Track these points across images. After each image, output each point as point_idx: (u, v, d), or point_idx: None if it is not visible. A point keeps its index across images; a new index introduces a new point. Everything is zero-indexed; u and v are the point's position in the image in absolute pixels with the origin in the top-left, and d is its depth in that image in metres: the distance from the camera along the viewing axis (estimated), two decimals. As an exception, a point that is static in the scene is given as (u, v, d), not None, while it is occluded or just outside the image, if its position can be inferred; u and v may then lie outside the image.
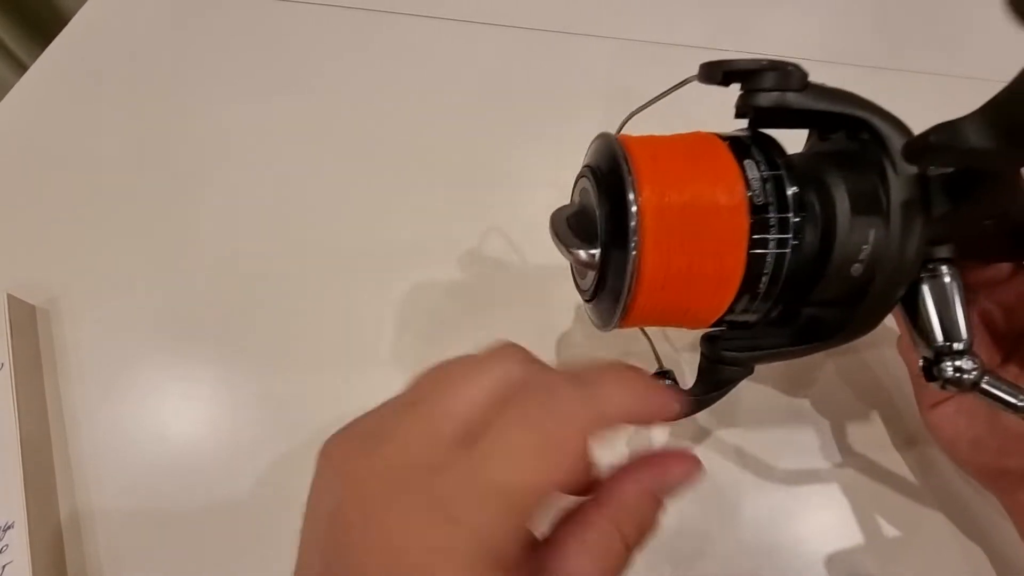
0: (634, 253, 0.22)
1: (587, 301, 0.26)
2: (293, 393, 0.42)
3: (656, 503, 0.23)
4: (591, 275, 0.25)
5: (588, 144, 0.30)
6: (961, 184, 0.24)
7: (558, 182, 0.34)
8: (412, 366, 0.41)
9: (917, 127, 0.23)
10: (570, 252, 0.24)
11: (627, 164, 0.23)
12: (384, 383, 0.41)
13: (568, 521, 0.22)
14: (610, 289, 0.24)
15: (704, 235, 0.22)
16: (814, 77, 0.25)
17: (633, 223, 0.22)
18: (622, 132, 0.28)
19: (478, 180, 0.49)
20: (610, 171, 0.24)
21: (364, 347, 0.43)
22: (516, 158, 0.50)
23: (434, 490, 0.19)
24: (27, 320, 0.42)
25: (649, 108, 0.27)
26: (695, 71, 0.25)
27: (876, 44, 0.56)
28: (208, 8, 0.58)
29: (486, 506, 0.19)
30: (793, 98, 0.24)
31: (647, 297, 0.23)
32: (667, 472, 0.23)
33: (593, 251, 0.24)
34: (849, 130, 0.25)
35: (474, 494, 0.19)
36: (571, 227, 0.25)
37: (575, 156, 0.32)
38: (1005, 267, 0.33)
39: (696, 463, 0.23)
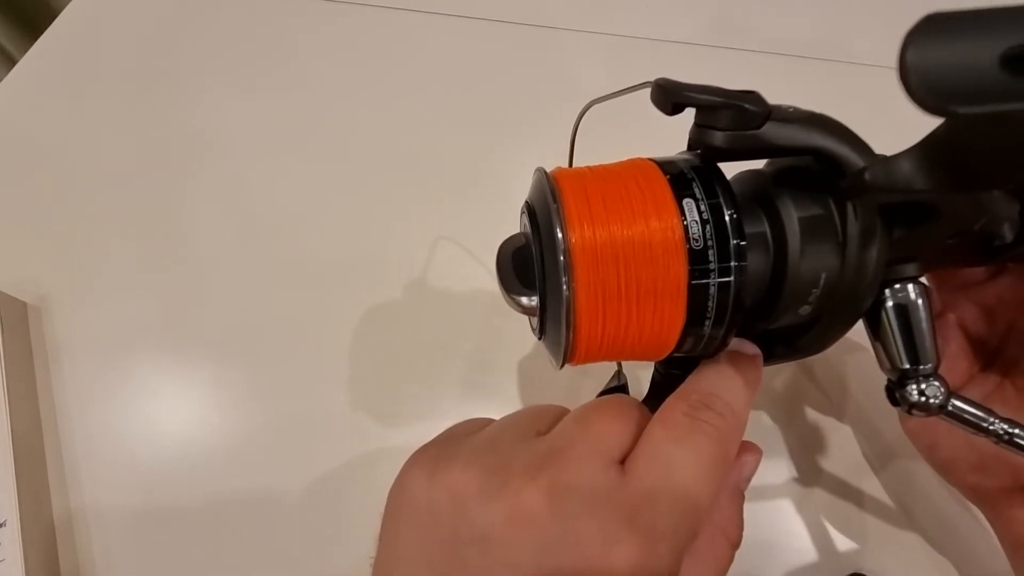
0: (567, 293, 0.21)
1: (538, 339, 0.26)
2: (285, 391, 0.42)
3: (742, 498, 0.25)
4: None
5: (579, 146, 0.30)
6: (914, 210, 0.23)
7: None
8: (403, 368, 0.42)
9: (915, 125, 0.22)
10: (511, 298, 0.24)
11: (556, 203, 0.22)
12: (377, 386, 0.42)
13: None
14: (552, 331, 0.24)
15: (639, 272, 0.21)
16: (814, 75, 0.24)
17: (563, 260, 0.21)
18: (575, 142, 0.27)
19: (467, 182, 0.49)
20: (541, 209, 0.23)
21: (357, 350, 0.43)
22: (506, 158, 0.49)
23: (635, 516, 0.20)
24: (18, 317, 0.42)
25: (614, 105, 0.26)
26: (686, 69, 0.24)
27: (873, 41, 0.55)
28: (198, 2, 0.57)
29: (674, 511, 0.21)
30: (749, 136, 0.22)
31: (587, 339, 0.23)
32: (744, 467, 0.25)
33: (533, 298, 0.23)
34: (811, 155, 0.24)
35: (663, 503, 0.20)
36: (516, 264, 0.24)
37: (564, 158, 0.32)
38: (982, 267, 0.32)
39: (759, 450, 0.26)
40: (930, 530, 0.38)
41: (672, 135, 0.27)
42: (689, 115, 0.24)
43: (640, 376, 0.36)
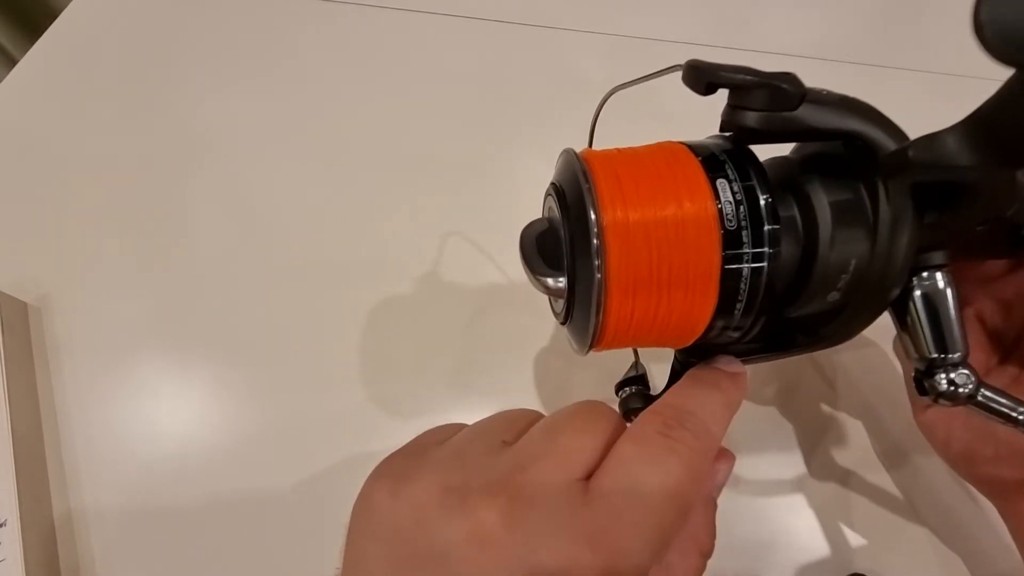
0: (599, 276, 0.21)
1: (561, 324, 0.26)
2: (285, 391, 0.42)
3: (714, 507, 0.24)
4: (562, 300, 0.24)
5: (579, 145, 0.30)
6: (950, 193, 0.23)
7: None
8: (404, 369, 0.42)
9: (919, 127, 0.22)
10: (537, 280, 0.24)
11: (588, 183, 0.22)
12: (378, 386, 0.41)
13: None
14: (579, 315, 0.23)
15: (672, 254, 0.21)
16: (814, 76, 0.24)
17: (596, 242, 0.21)
18: (594, 136, 0.27)
19: (469, 181, 0.49)
20: (572, 191, 0.23)
21: (356, 350, 0.43)
22: (508, 158, 0.49)
23: (601, 533, 0.20)
24: (19, 317, 0.42)
25: (633, 94, 0.26)
26: None
27: (878, 41, 0.55)
28: (198, 3, 0.57)
29: (638, 530, 0.20)
30: (784, 118, 0.22)
31: (616, 323, 0.22)
32: (717, 475, 0.25)
33: (560, 279, 0.23)
34: (845, 139, 0.24)
35: (627, 522, 0.20)
36: (540, 248, 0.24)
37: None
38: (1002, 261, 0.32)
39: (732, 457, 0.25)
40: (937, 527, 0.38)
41: (687, 129, 0.26)
42: (708, 106, 0.24)
43: (653, 369, 0.36)
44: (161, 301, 0.44)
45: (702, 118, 0.26)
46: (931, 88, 0.52)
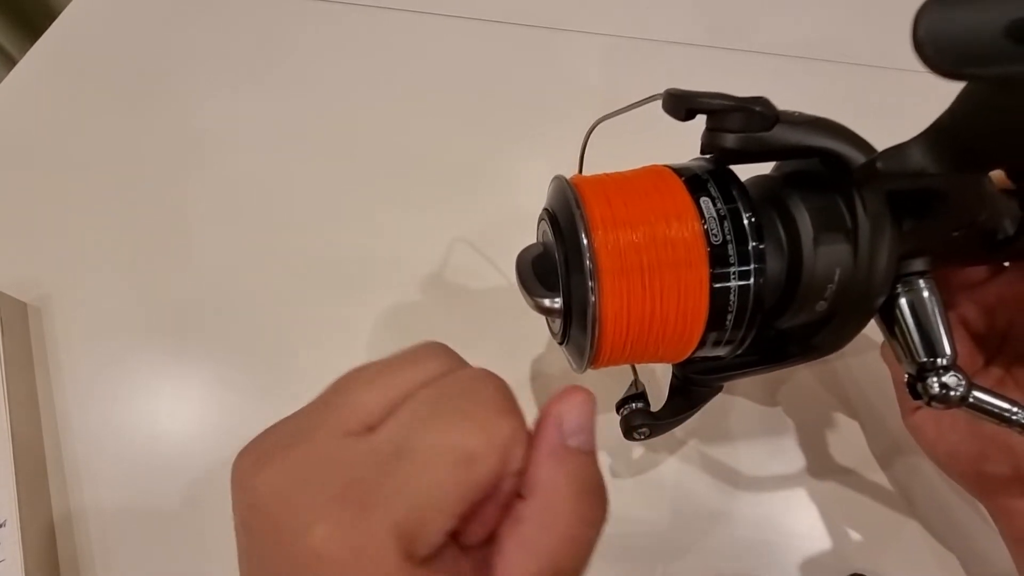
0: (593, 299, 0.22)
1: (559, 344, 0.26)
2: (284, 390, 0.42)
3: (571, 458, 0.19)
4: (559, 320, 0.25)
5: (580, 145, 0.30)
6: (923, 200, 0.24)
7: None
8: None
9: (916, 127, 0.23)
10: (534, 300, 0.24)
11: (580, 208, 0.23)
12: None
13: (504, 516, 0.19)
14: (576, 334, 0.24)
15: (663, 272, 0.22)
16: (814, 76, 0.24)
17: (589, 264, 0.22)
18: (584, 157, 0.28)
19: (467, 182, 0.49)
20: (564, 215, 0.24)
21: (356, 350, 0.43)
22: (508, 159, 0.49)
23: (351, 486, 0.18)
24: (18, 318, 0.42)
25: (622, 114, 0.27)
26: (689, 70, 0.25)
27: (876, 42, 0.55)
28: (197, 3, 0.57)
29: (395, 475, 0.18)
30: (759, 138, 0.23)
31: (612, 341, 0.23)
32: (564, 420, 0.20)
33: (556, 300, 0.24)
34: (819, 156, 0.25)
35: (383, 467, 0.18)
36: (536, 271, 0.25)
37: (566, 158, 0.32)
38: (982, 267, 0.33)
39: (583, 396, 0.20)
40: (936, 527, 0.38)
41: (674, 149, 0.27)
42: (690, 128, 0.25)
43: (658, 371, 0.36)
44: (160, 301, 0.44)
45: (686, 142, 0.26)
46: (927, 88, 0.52)
